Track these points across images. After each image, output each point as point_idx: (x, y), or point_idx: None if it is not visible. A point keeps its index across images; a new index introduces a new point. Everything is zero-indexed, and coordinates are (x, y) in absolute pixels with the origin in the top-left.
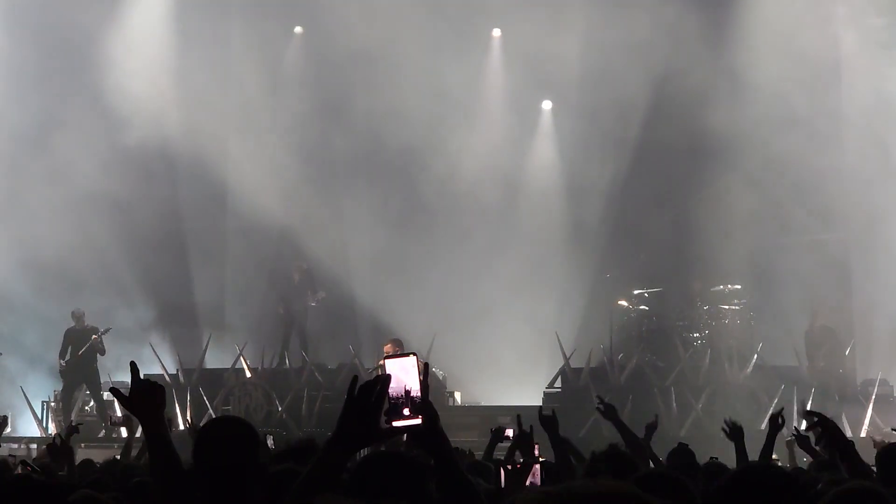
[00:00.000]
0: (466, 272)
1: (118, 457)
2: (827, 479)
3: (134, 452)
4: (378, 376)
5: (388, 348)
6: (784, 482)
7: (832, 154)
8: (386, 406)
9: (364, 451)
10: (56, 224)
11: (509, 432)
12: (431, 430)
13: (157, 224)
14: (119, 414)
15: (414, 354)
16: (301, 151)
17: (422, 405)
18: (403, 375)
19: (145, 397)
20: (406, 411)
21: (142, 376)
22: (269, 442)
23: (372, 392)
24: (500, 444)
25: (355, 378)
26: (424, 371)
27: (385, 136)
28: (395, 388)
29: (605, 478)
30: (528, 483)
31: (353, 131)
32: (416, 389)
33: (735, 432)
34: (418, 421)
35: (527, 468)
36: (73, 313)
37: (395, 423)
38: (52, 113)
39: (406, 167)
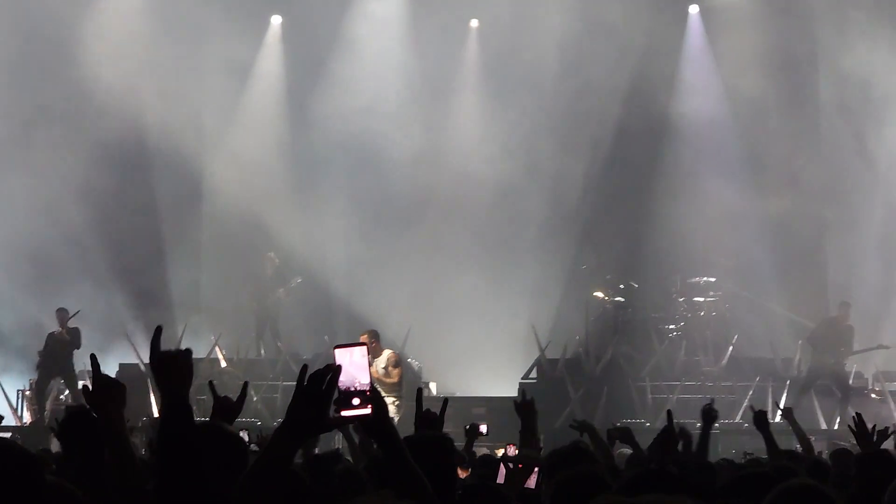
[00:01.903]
0: (442, 263)
1: None
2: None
3: None
4: (328, 365)
5: (364, 338)
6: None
7: (809, 143)
8: (336, 396)
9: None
10: (31, 213)
11: (483, 428)
12: (380, 420)
13: (133, 214)
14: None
15: (364, 344)
16: (276, 142)
17: (371, 395)
18: (353, 366)
19: (104, 394)
20: (356, 401)
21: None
22: (244, 437)
23: (322, 381)
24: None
25: (305, 367)
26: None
27: (360, 127)
28: (344, 378)
29: (679, 496)
30: (526, 485)
31: (329, 123)
32: (365, 380)
33: (760, 420)
34: (368, 411)
35: (528, 469)
36: (57, 312)
37: (345, 413)
38: (27, 103)
39: (381, 160)
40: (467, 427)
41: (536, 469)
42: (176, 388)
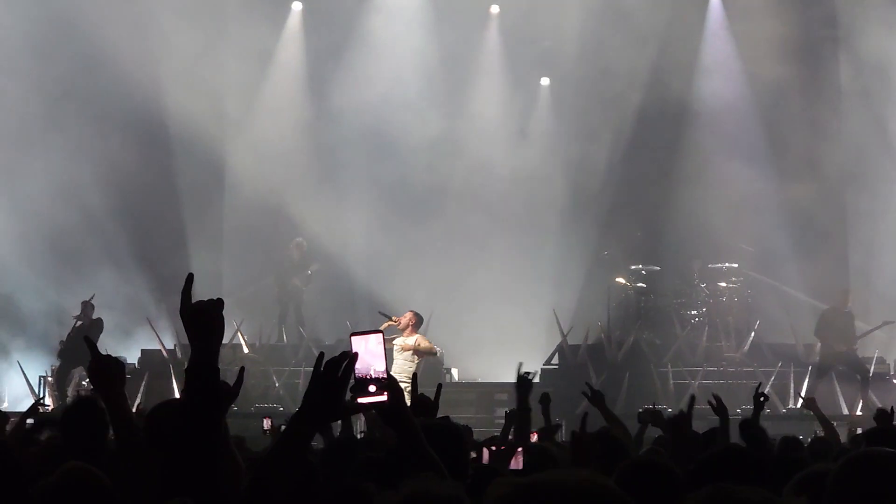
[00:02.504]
0: (464, 249)
1: None
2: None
3: None
4: (344, 352)
5: (409, 315)
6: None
7: (829, 128)
8: (352, 383)
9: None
10: (53, 200)
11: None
12: (397, 407)
13: (155, 200)
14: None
15: (381, 332)
16: (297, 129)
17: (387, 382)
18: (368, 353)
19: (102, 373)
20: (372, 388)
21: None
22: (266, 424)
23: (338, 368)
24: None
25: (321, 354)
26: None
27: (380, 114)
28: (362, 369)
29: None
30: (511, 466)
31: (350, 110)
32: (382, 371)
33: (721, 409)
34: (384, 398)
35: (510, 450)
36: (84, 306)
37: (361, 400)
38: (48, 89)
39: (401, 146)
40: (507, 411)
41: (520, 450)
42: (205, 341)
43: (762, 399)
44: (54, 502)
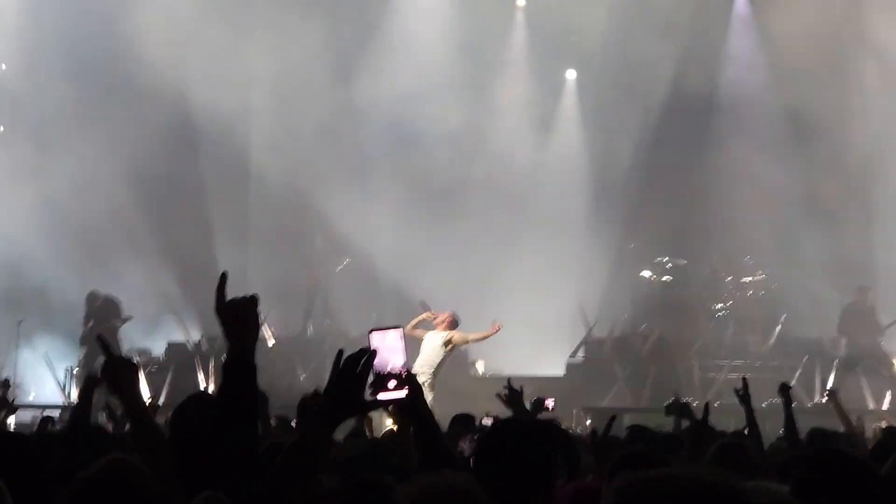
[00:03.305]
0: (490, 242)
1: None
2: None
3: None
4: (363, 349)
5: (449, 314)
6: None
7: (857, 124)
8: (371, 379)
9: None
10: (79, 194)
11: (549, 403)
12: (415, 403)
13: (181, 194)
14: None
15: (400, 327)
16: (325, 121)
17: (406, 378)
18: (387, 348)
19: (115, 373)
20: (391, 384)
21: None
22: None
23: (357, 363)
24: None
25: (341, 350)
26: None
27: (405, 108)
28: (381, 364)
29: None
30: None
31: (377, 102)
32: (402, 366)
33: (745, 397)
34: (403, 393)
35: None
36: (92, 294)
37: (381, 396)
38: (76, 80)
39: (427, 140)
40: (534, 400)
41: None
42: (240, 337)
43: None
44: (96, 493)
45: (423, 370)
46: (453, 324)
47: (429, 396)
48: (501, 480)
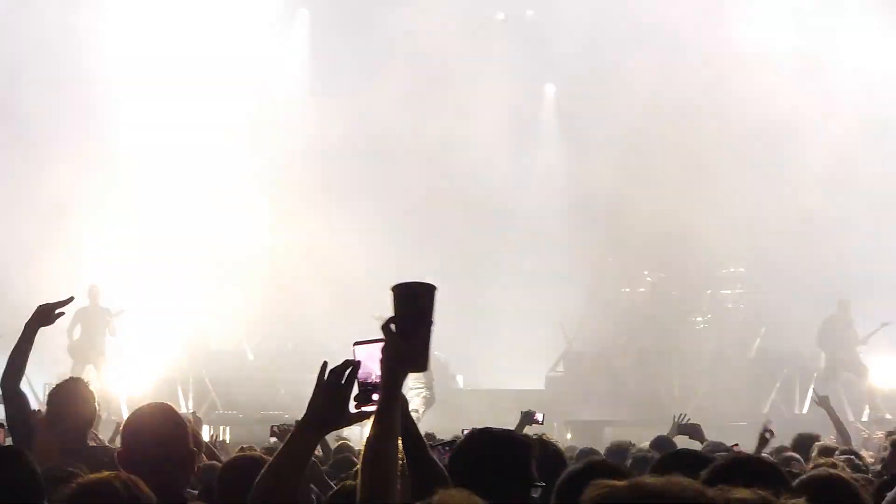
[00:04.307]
0: (468, 256)
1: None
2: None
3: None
4: (347, 360)
5: None
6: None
7: (832, 136)
8: (356, 391)
9: None
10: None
11: (539, 416)
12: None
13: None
14: None
15: (383, 340)
16: (304, 136)
17: None
18: (370, 359)
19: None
20: (376, 396)
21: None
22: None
23: (342, 376)
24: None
25: (325, 363)
26: None
27: (386, 121)
28: (364, 373)
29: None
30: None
31: (356, 116)
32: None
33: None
34: None
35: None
36: (90, 289)
37: (365, 408)
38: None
39: (407, 153)
40: (523, 412)
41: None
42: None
43: (767, 436)
44: None
45: (417, 386)
46: None
47: (423, 409)
48: (474, 490)
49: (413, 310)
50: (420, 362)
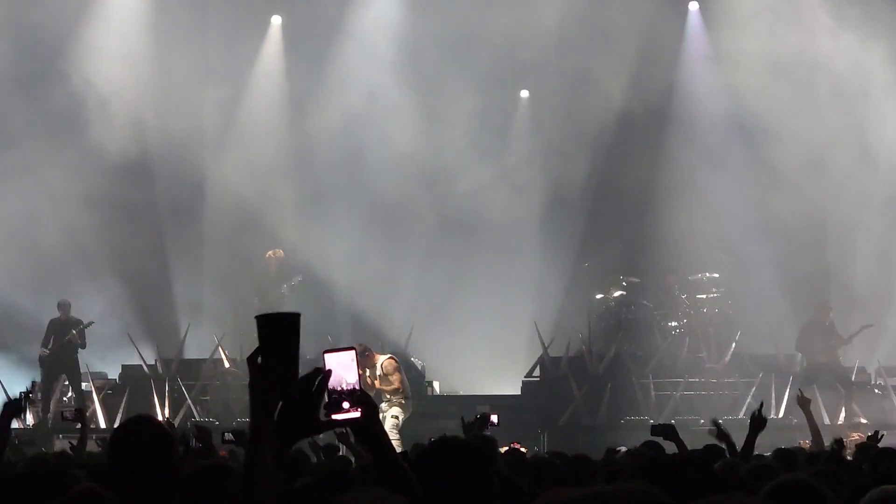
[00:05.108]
0: (445, 262)
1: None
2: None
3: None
4: (317, 368)
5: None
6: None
7: (808, 141)
8: (326, 400)
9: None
10: (35, 219)
11: (494, 418)
12: (370, 423)
13: (135, 217)
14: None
15: (353, 349)
16: (277, 144)
17: (361, 398)
18: (340, 366)
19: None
20: (346, 404)
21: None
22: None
23: (311, 384)
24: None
25: (316, 369)
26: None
27: (360, 128)
28: (334, 381)
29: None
30: None
31: (330, 123)
32: (354, 383)
33: (722, 435)
34: (358, 414)
35: None
36: (59, 304)
37: (335, 417)
38: (27, 109)
39: (382, 160)
40: (478, 415)
41: None
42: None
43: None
44: None
45: (395, 398)
46: (367, 349)
47: (402, 416)
48: (436, 498)
49: (273, 341)
50: (283, 394)
